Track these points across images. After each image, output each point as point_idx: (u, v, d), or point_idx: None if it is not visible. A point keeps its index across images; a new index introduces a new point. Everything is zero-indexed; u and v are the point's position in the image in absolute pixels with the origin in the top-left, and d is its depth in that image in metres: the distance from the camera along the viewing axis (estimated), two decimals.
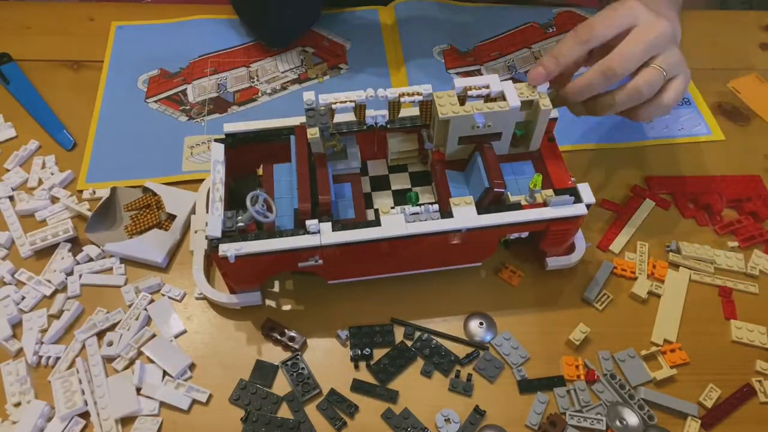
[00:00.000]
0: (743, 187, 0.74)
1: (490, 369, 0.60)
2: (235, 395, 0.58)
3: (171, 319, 0.62)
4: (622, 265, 0.67)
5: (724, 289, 0.66)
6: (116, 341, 0.60)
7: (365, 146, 0.67)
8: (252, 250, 0.55)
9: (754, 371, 0.61)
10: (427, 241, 0.58)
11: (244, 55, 0.85)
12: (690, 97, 0.83)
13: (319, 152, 0.61)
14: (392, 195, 0.67)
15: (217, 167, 0.60)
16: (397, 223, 0.57)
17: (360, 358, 0.60)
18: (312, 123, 0.60)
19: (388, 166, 0.69)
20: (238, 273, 0.59)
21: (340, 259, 0.58)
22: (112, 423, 0.56)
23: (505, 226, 0.58)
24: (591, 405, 0.58)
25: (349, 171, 0.66)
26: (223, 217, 0.57)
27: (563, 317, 0.64)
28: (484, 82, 0.61)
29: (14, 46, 0.84)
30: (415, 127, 0.66)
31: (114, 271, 0.65)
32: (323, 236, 0.56)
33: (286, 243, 0.56)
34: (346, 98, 0.61)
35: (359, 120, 0.64)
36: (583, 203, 0.59)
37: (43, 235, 0.66)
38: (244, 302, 0.62)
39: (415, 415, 0.57)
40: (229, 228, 0.57)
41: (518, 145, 0.65)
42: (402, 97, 0.62)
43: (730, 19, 0.95)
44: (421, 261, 0.62)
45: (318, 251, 0.57)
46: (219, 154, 0.61)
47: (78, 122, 0.77)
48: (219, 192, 0.58)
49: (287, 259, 0.57)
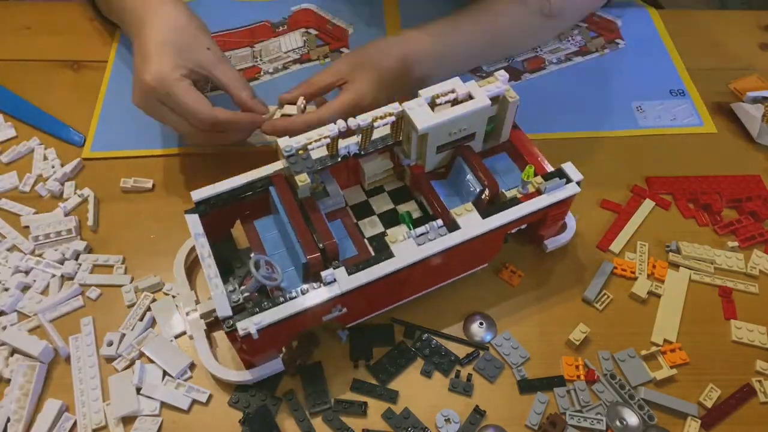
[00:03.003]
0: (743, 187, 0.74)
1: (490, 369, 0.60)
2: (234, 398, 0.58)
3: (173, 319, 0.62)
4: (622, 265, 0.67)
5: (724, 289, 0.66)
6: (116, 341, 0.60)
7: (338, 177, 0.64)
8: (274, 319, 0.52)
9: (754, 371, 0.61)
10: (438, 257, 0.57)
11: (249, 35, 0.87)
12: (685, 89, 0.84)
13: (306, 197, 0.59)
14: (379, 219, 0.65)
15: (199, 240, 0.57)
16: (410, 249, 0.55)
17: (360, 357, 0.60)
18: (299, 169, 0.58)
19: (364, 190, 0.67)
20: (258, 347, 0.55)
21: (359, 301, 0.56)
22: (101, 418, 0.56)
23: (509, 224, 0.58)
24: (591, 405, 0.58)
25: (335, 208, 0.63)
26: (226, 293, 0.54)
27: (563, 317, 0.64)
28: (449, 87, 0.61)
29: (14, 46, 0.84)
30: (387, 146, 0.64)
31: (114, 270, 0.65)
32: (341, 283, 0.53)
33: (306, 301, 0.53)
34: (319, 135, 0.58)
35: (331, 153, 0.62)
36: (573, 182, 0.60)
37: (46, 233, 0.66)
38: (267, 373, 0.58)
39: (415, 415, 0.57)
40: (236, 303, 0.54)
41: (488, 140, 0.66)
42: (375, 121, 0.59)
43: (730, 19, 0.94)
44: (434, 277, 0.62)
45: (339, 300, 0.54)
46: (197, 226, 0.57)
47: (78, 123, 0.77)
48: (212, 268, 0.55)
49: (309, 317, 0.54)
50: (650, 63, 0.86)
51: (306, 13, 0.90)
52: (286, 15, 0.90)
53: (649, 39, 0.89)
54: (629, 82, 0.84)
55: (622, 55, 0.87)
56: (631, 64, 0.86)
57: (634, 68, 0.85)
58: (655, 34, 0.90)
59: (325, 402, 0.57)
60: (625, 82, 0.84)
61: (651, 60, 0.87)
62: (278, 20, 0.89)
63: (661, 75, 0.85)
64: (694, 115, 0.81)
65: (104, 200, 0.70)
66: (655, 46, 0.89)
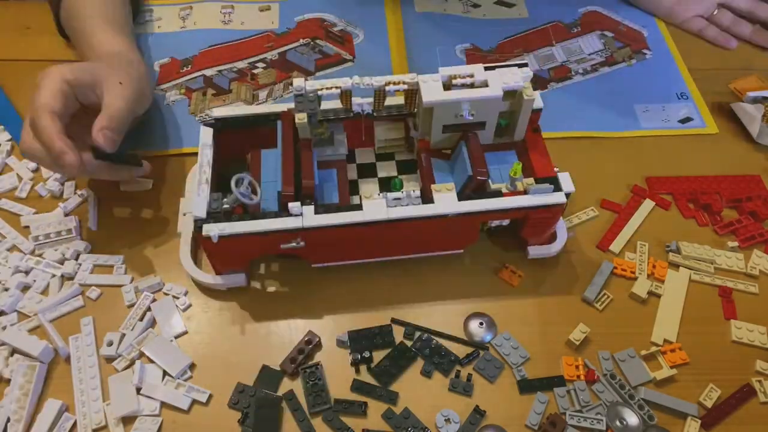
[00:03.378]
0: (743, 187, 0.74)
1: (490, 369, 0.60)
2: (234, 398, 0.58)
3: (173, 319, 0.63)
4: (622, 265, 0.67)
5: (724, 289, 0.66)
6: (116, 341, 0.60)
7: (353, 134, 0.68)
8: (235, 231, 0.56)
9: (754, 371, 0.61)
10: (408, 226, 0.59)
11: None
12: (688, 92, 0.84)
13: (305, 137, 0.62)
14: (378, 182, 0.68)
15: (204, 150, 0.62)
16: (379, 208, 0.58)
17: (361, 361, 0.60)
18: (300, 108, 0.62)
19: (375, 154, 0.70)
20: (222, 254, 0.60)
21: (322, 243, 0.59)
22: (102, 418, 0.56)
23: (484, 213, 0.59)
24: (591, 405, 0.58)
25: (336, 157, 0.67)
26: (209, 199, 0.58)
27: (563, 317, 0.64)
28: (469, 71, 0.61)
29: (14, 46, 0.84)
30: (402, 115, 0.67)
31: (114, 270, 0.65)
32: (305, 219, 0.57)
33: (268, 224, 0.57)
34: (332, 84, 0.62)
35: (346, 107, 0.65)
36: (562, 192, 0.60)
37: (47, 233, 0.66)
38: (230, 283, 0.63)
39: (415, 415, 0.57)
40: (214, 209, 0.58)
41: (503, 135, 0.66)
42: (388, 85, 0.62)
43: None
44: (402, 246, 0.63)
45: (300, 233, 0.58)
46: (207, 137, 0.63)
47: None
48: (206, 174, 0.60)
49: (270, 240, 0.58)
50: (655, 65, 0.86)
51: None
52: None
53: (655, 41, 0.90)
54: (634, 84, 0.84)
55: (648, 64, 0.86)
56: (637, 66, 0.86)
57: (640, 71, 0.86)
58: (659, 36, 0.90)
59: (325, 402, 0.57)
60: (630, 84, 0.84)
61: (656, 62, 0.87)
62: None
63: (665, 78, 0.85)
64: (696, 118, 0.81)
65: (104, 200, 0.70)
66: (660, 49, 0.89)
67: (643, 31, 0.91)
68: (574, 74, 0.85)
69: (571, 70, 0.85)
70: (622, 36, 0.90)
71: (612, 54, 0.87)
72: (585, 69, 0.85)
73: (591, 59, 0.86)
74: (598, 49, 0.88)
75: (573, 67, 0.86)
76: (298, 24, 0.89)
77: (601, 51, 0.87)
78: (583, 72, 0.85)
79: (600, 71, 0.85)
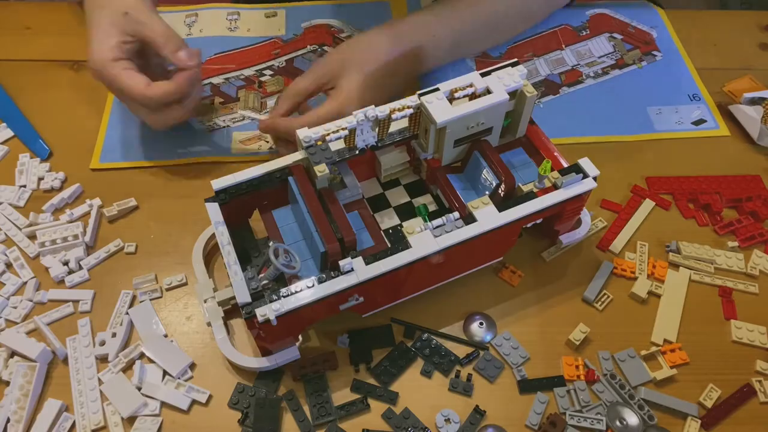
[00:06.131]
0: (743, 187, 0.74)
1: (490, 369, 0.60)
2: (234, 398, 0.58)
3: (152, 323, 0.62)
4: (622, 265, 0.67)
5: (724, 289, 0.66)
6: (108, 340, 0.60)
7: (356, 170, 0.65)
8: (292, 306, 0.52)
9: (754, 371, 0.61)
10: (456, 250, 0.57)
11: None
12: (699, 94, 0.83)
13: (325, 188, 0.60)
14: (395, 212, 0.66)
15: (219, 228, 0.57)
16: (427, 241, 0.56)
17: (361, 361, 0.60)
18: (317, 160, 0.59)
19: (380, 183, 0.68)
20: (276, 334, 0.56)
21: (375, 291, 0.57)
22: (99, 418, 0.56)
23: (525, 217, 0.59)
24: (591, 405, 0.58)
25: (352, 199, 0.64)
26: (245, 280, 0.54)
27: (563, 317, 0.64)
28: (468, 82, 0.61)
29: (14, 46, 0.84)
30: (405, 139, 0.65)
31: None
32: (358, 273, 0.54)
33: (324, 289, 0.53)
34: (337, 127, 0.60)
35: (349, 146, 0.63)
36: (590, 177, 0.60)
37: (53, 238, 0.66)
38: (285, 360, 0.58)
39: (415, 414, 0.57)
40: (255, 290, 0.54)
41: (505, 135, 0.66)
42: (393, 113, 0.60)
43: (730, 20, 0.94)
44: (449, 270, 0.62)
45: (356, 289, 0.55)
46: (216, 214, 0.58)
47: (79, 122, 0.77)
48: (232, 255, 0.56)
49: (327, 305, 0.55)
50: (666, 67, 0.86)
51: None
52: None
53: (664, 42, 0.89)
54: (645, 86, 0.84)
55: (658, 66, 0.86)
56: (648, 68, 0.86)
57: (651, 73, 0.85)
58: (668, 36, 0.90)
59: (329, 413, 0.57)
60: (642, 86, 0.84)
61: (666, 63, 0.87)
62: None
63: (676, 79, 0.85)
64: (709, 119, 0.81)
65: (107, 204, 0.70)
66: (670, 50, 0.88)
67: (651, 32, 0.90)
68: (585, 78, 0.84)
69: (583, 74, 0.85)
70: (631, 38, 0.89)
71: (622, 56, 0.87)
72: (596, 72, 0.85)
73: (601, 62, 0.86)
74: (608, 52, 0.87)
75: (584, 70, 0.85)
76: (305, 30, 0.88)
77: (611, 53, 0.87)
78: (594, 75, 0.85)
79: (611, 74, 0.85)
